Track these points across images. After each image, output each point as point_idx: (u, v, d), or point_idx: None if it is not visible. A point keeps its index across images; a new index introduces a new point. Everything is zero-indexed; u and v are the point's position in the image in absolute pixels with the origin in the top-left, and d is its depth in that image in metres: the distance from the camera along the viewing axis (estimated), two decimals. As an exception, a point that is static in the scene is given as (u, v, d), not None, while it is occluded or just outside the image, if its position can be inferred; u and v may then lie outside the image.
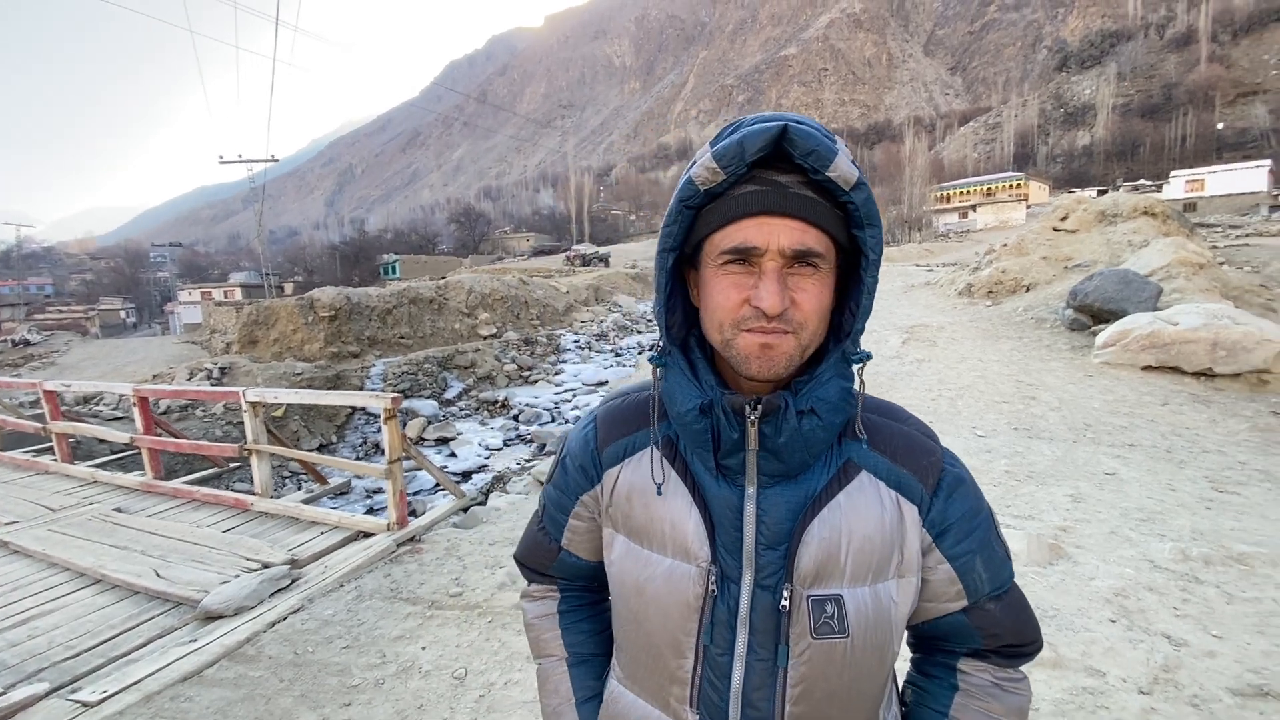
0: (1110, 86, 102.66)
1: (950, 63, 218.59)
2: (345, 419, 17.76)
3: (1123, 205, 12.31)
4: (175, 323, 52.75)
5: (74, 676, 2.86)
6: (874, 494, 0.72)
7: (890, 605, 0.71)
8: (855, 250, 0.69)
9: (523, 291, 29.24)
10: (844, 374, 0.72)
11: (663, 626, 0.74)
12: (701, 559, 0.72)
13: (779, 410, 0.69)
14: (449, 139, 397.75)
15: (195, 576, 3.68)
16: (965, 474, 0.78)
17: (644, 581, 0.75)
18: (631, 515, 0.78)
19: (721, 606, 0.72)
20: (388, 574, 3.68)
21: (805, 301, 0.66)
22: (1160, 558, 3.35)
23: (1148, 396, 6.49)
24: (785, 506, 0.71)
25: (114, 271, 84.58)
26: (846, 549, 0.70)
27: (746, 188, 0.66)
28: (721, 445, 0.72)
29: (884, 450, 0.75)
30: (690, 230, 0.71)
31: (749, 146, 0.63)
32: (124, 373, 24.62)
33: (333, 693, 2.64)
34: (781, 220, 0.65)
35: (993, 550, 0.77)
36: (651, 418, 0.78)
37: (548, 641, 0.94)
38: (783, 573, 0.70)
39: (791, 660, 0.70)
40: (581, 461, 0.84)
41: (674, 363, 0.75)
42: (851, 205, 0.65)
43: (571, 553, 0.90)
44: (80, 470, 6.16)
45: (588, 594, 0.96)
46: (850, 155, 0.65)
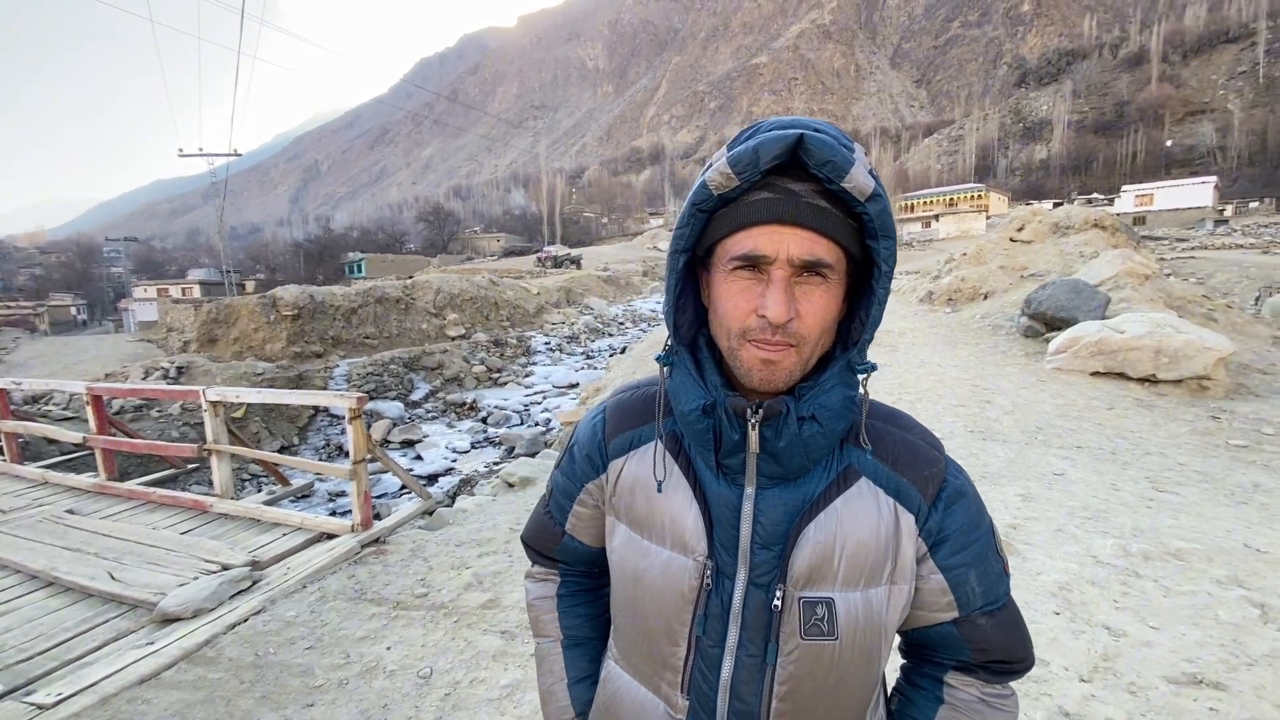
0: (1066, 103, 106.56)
1: (915, 75, 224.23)
2: (308, 420, 17.38)
3: (1075, 218, 12.83)
4: (129, 320, 50.86)
5: (28, 679, 2.78)
6: (872, 501, 0.73)
7: (881, 611, 0.72)
8: (868, 260, 0.69)
9: (493, 292, 28.99)
10: (848, 382, 0.72)
11: (658, 614, 0.77)
12: (698, 553, 0.74)
13: (780, 415, 0.69)
14: (418, 137, 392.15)
15: (152, 579, 3.60)
16: (968, 487, 0.78)
17: (642, 570, 0.78)
18: (634, 506, 0.80)
19: (715, 600, 0.74)
20: (352, 575, 3.65)
21: (810, 313, 0.66)
22: (1103, 553, 3.52)
23: (1095, 401, 6.78)
24: (783, 508, 0.72)
25: (65, 266, 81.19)
26: (840, 553, 0.70)
27: (760, 194, 0.66)
28: (722, 445, 0.73)
29: (885, 458, 0.75)
30: (703, 232, 0.71)
31: (764, 154, 0.63)
32: (74, 371, 23.66)
33: (295, 693, 2.62)
34: (792, 230, 0.65)
35: (989, 565, 0.77)
36: (657, 414, 0.79)
37: (546, 623, 0.97)
38: (776, 572, 0.71)
39: (780, 659, 0.71)
40: (589, 451, 0.87)
41: (680, 362, 0.76)
42: (866, 216, 0.65)
43: (574, 538, 0.92)
44: (30, 471, 5.94)
45: (587, 579, 0.98)
46: (868, 165, 0.65)
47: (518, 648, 2.90)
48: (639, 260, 55.64)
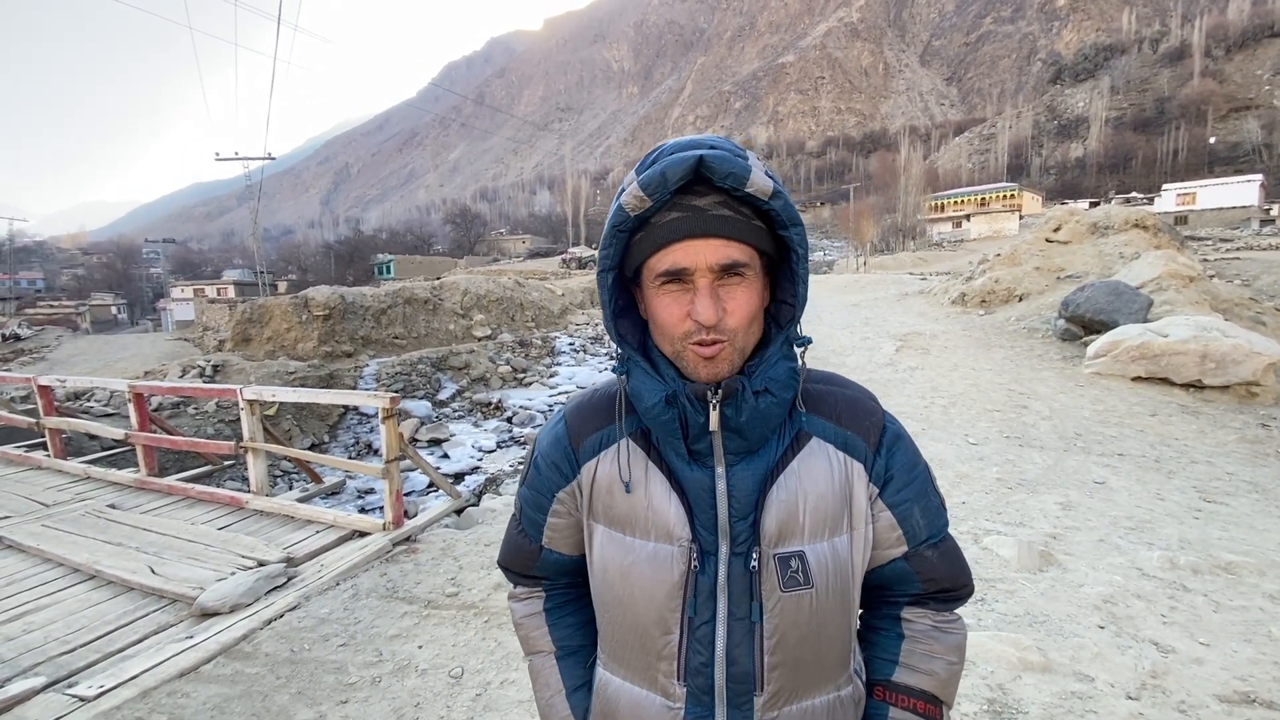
0: (1103, 99, 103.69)
1: (946, 73, 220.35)
2: (338, 418, 17.67)
3: (1114, 218, 12.46)
4: (167, 319, 52.43)
5: (70, 671, 2.85)
6: (824, 456, 0.80)
7: (847, 556, 0.79)
8: (784, 249, 0.77)
9: (518, 293, 29.21)
10: (789, 355, 0.80)
11: (649, 607, 0.80)
12: (683, 539, 0.78)
13: (738, 392, 0.75)
14: (446, 140, 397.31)
15: (191, 574, 3.68)
16: (903, 431, 0.87)
17: (628, 566, 0.81)
18: (613, 505, 0.83)
19: (704, 578, 0.78)
20: (384, 573, 3.69)
21: (736, 309, 0.74)
22: (1149, 566, 3.40)
23: (1137, 407, 6.56)
24: (751, 479, 0.78)
25: (106, 267, 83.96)
26: (804, 509, 0.78)
27: (670, 215, 0.73)
28: (690, 431, 0.78)
29: (829, 415, 0.83)
30: (626, 252, 0.78)
31: (670, 176, 0.70)
32: (115, 369, 24.44)
33: (330, 690, 2.65)
34: (705, 241, 0.72)
35: (929, 500, 0.85)
36: (618, 413, 0.84)
37: (536, 639, 0.97)
38: (752, 538, 0.77)
39: (766, 614, 0.77)
40: (554, 459, 0.88)
41: (635, 365, 0.81)
42: (773, 211, 0.73)
43: (553, 550, 0.93)
44: (73, 466, 6.13)
45: (572, 589, 0.99)
46: (764, 167, 0.73)
47: (547, 650, 2.90)
48: (663, 261, 55.50)
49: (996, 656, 2.58)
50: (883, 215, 61.66)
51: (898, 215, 62.50)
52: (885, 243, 58.06)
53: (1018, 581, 3.26)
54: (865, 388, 0.88)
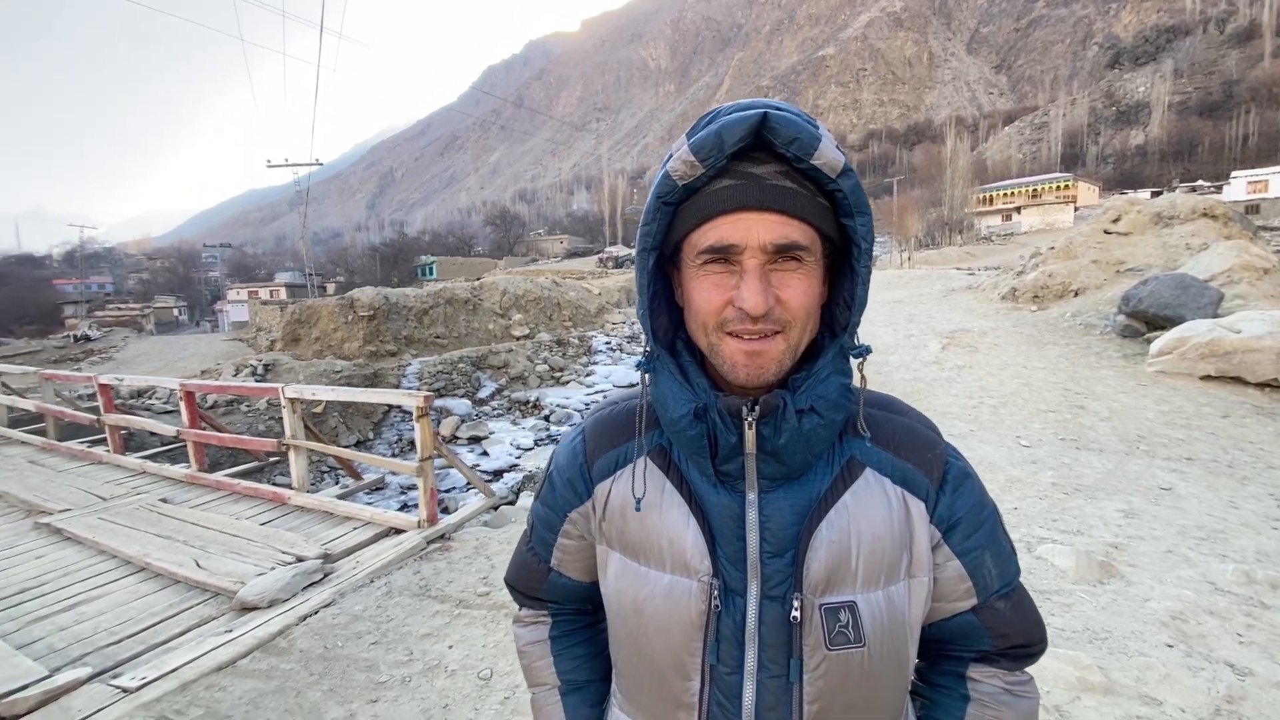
0: (1166, 84, 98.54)
1: (995, 61, 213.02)
2: (382, 416, 18.13)
3: (1180, 207, 11.76)
4: (224, 320, 54.71)
5: (116, 662, 2.94)
6: (880, 492, 0.69)
7: (904, 609, 0.68)
8: (846, 240, 0.66)
9: (555, 293, 29.46)
10: (842, 370, 0.69)
11: (665, 647, 0.70)
12: (702, 573, 0.68)
13: (777, 410, 0.65)
14: (486, 143, 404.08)
15: (233, 568, 3.77)
16: (970, 468, 0.75)
17: (642, 600, 0.71)
18: (626, 531, 0.74)
19: (727, 621, 0.68)
20: (417, 571, 3.71)
21: (792, 298, 0.63)
22: (1222, 580, 3.15)
23: (1207, 408, 6.16)
24: (789, 511, 0.68)
25: (168, 271, 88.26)
26: (857, 552, 0.66)
27: (722, 182, 0.63)
28: (719, 450, 0.68)
29: (887, 445, 0.71)
30: (670, 228, 0.67)
31: (728, 137, 0.60)
32: (176, 368, 25.63)
33: (360, 688, 2.66)
34: (760, 215, 0.62)
35: (1001, 545, 0.75)
36: (638, 428, 0.74)
37: (540, 669, 0.90)
38: (791, 581, 0.66)
39: (807, 675, 0.66)
40: (569, 476, 0.81)
41: (663, 367, 0.71)
42: (839, 193, 0.63)
43: (562, 573, 0.85)
44: (131, 461, 6.39)
45: (581, 617, 0.91)
46: (835, 141, 0.62)
47: (577, 653, 2.85)
48: (701, 259, 55.28)
49: (1053, 675, 2.41)
50: (928, 209, 60.00)
51: (943, 209, 60.72)
52: (930, 237, 56.49)
53: (1075, 594, 3.06)
54: (924, 415, 0.77)
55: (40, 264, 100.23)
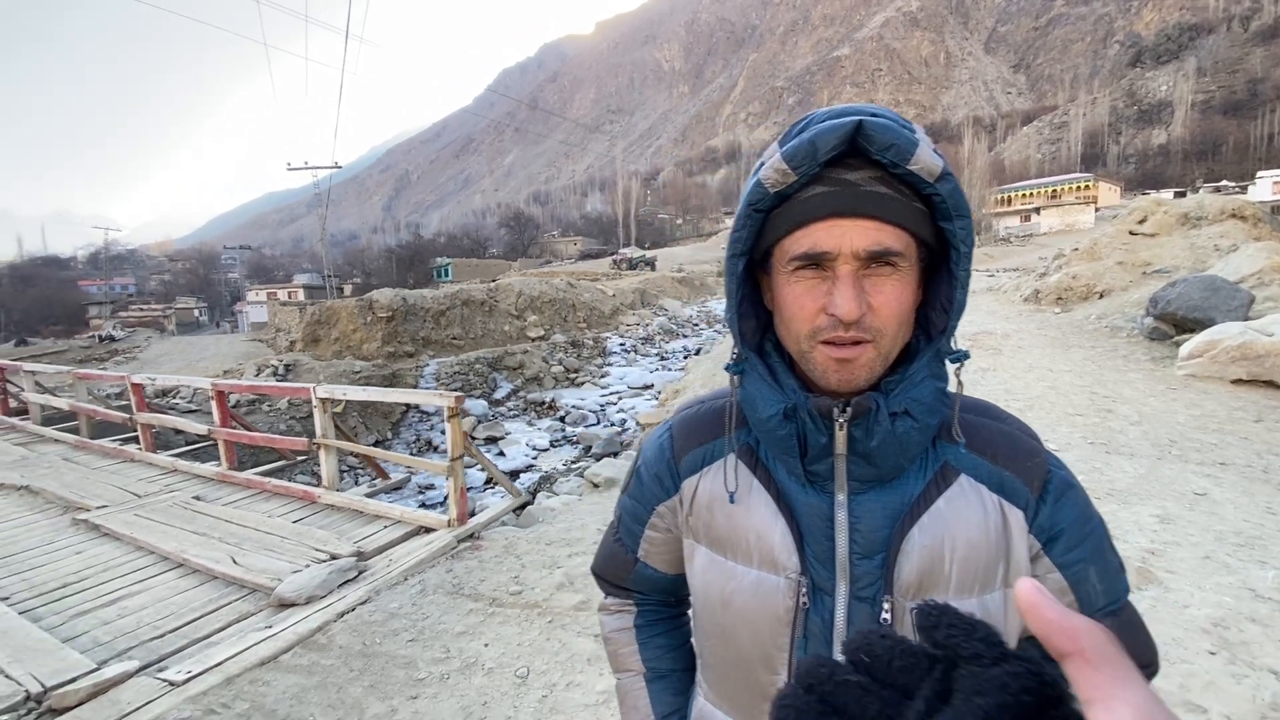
0: (1189, 82, 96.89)
1: (1013, 60, 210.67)
2: (400, 416, 18.30)
3: (1208, 207, 11.56)
4: (243, 321, 55.47)
5: (160, 656, 3.01)
6: (976, 498, 0.68)
7: (1000, 619, 0.67)
8: (943, 244, 0.66)
9: (570, 294, 29.55)
10: (938, 373, 0.68)
11: (752, 641, 0.72)
12: (790, 570, 0.69)
13: (870, 412, 0.65)
14: (500, 145, 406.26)
15: (269, 565, 3.83)
16: (1074, 479, 0.73)
17: (730, 594, 0.73)
18: (713, 525, 0.76)
19: (815, 619, 0.69)
20: (449, 569, 3.74)
21: (884, 305, 0.63)
22: (1262, 586, 3.10)
23: (1239, 412, 6.05)
24: (881, 513, 0.68)
25: (189, 273, 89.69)
26: (951, 558, 0.66)
27: (815, 189, 0.63)
28: (809, 450, 0.69)
29: (984, 452, 0.70)
30: (760, 233, 0.68)
31: (821, 145, 0.60)
32: (197, 368, 26.03)
33: (400, 685, 2.69)
34: (854, 221, 0.62)
35: (1107, 561, 0.72)
36: (727, 426, 0.76)
37: (625, 656, 0.92)
38: (881, 583, 0.67)
39: None
40: (657, 470, 0.83)
41: (752, 369, 0.73)
42: (937, 197, 0.62)
43: (648, 565, 0.87)
44: (162, 459, 6.51)
45: (665, 608, 0.94)
46: (932, 144, 0.62)
47: (611, 653, 2.87)
48: (714, 261, 55.18)
49: (1095, 681, 2.39)
50: (944, 210, 59.45)
51: (961, 210, 60.14)
52: (947, 239, 55.99)
53: (1114, 599, 3.03)
54: (1025, 424, 0.75)
55: (65, 265, 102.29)
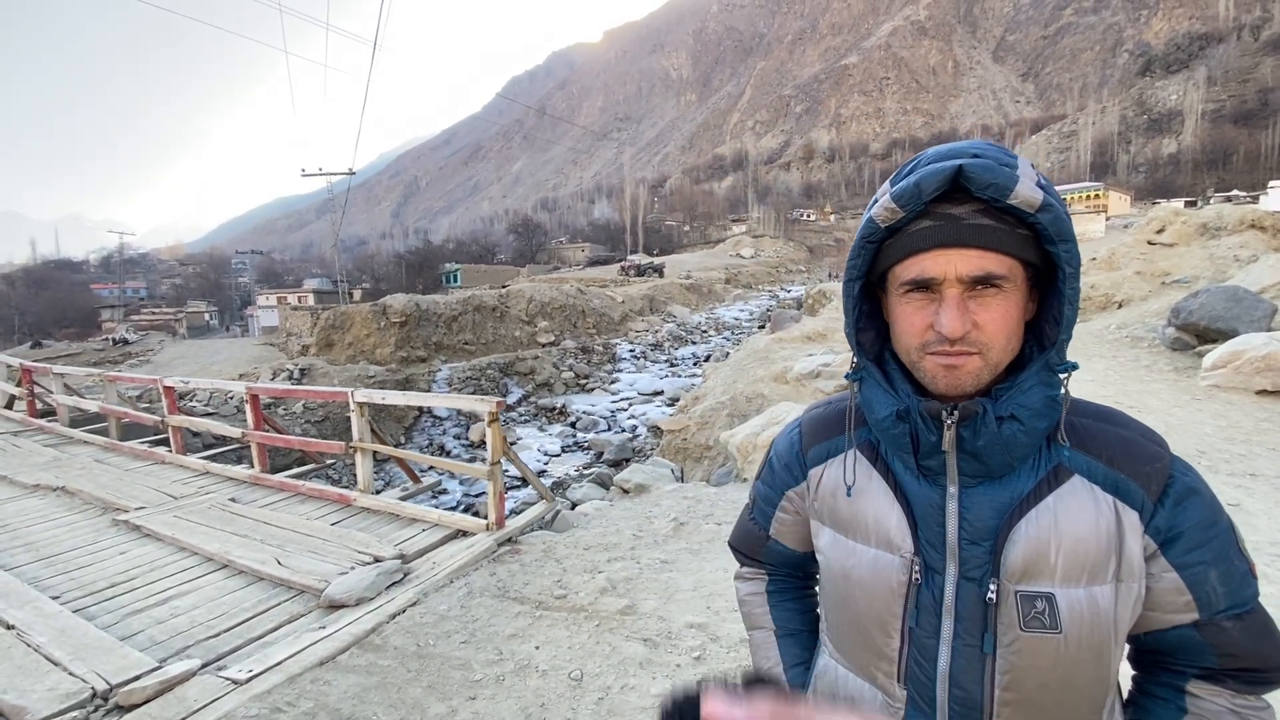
0: (1199, 91, 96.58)
1: (1021, 69, 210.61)
2: (413, 421, 18.40)
3: (1227, 218, 11.55)
4: (254, 325, 55.79)
5: (218, 655, 3.06)
6: (1088, 498, 0.73)
7: (1109, 609, 0.71)
8: (1050, 263, 0.72)
9: (580, 301, 29.65)
10: (1048, 382, 0.73)
11: (869, 608, 0.81)
12: (905, 550, 0.78)
13: (977, 416, 0.72)
14: (509, 152, 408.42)
15: (314, 566, 3.88)
16: (1199, 484, 0.75)
17: (850, 568, 0.83)
18: (836, 509, 0.86)
19: (926, 594, 0.77)
20: (493, 573, 3.79)
21: (989, 322, 0.70)
22: (1306, 597, 3.11)
23: (1265, 423, 6.04)
24: (989, 506, 0.74)
25: (200, 277, 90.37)
26: (1057, 549, 0.71)
27: (922, 223, 0.71)
28: (920, 447, 0.77)
29: (1099, 454, 0.74)
30: (874, 259, 0.77)
31: (925, 187, 0.68)
32: (210, 371, 26.20)
33: (458, 686, 2.74)
34: (958, 251, 0.69)
35: (1232, 564, 0.74)
36: (847, 425, 0.86)
37: (758, 616, 1.05)
38: (988, 567, 0.73)
39: (1000, 649, 0.73)
40: (787, 461, 0.95)
41: (869, 376, 0.82)
42: (1039, 225, 0.68)
43: (779, 541, 1.00)
44: (194, 462, 6.59)
45: (793, 579, 1.06)
46: (1035, 176, 0.68)
47: (662, 656, 2.90)
48: (721, 268, 55.25)
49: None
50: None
51: (969, 218, 60.09)
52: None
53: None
54: (1151, 430, 0.78)
55: (78, 269, 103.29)
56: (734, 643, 2.96)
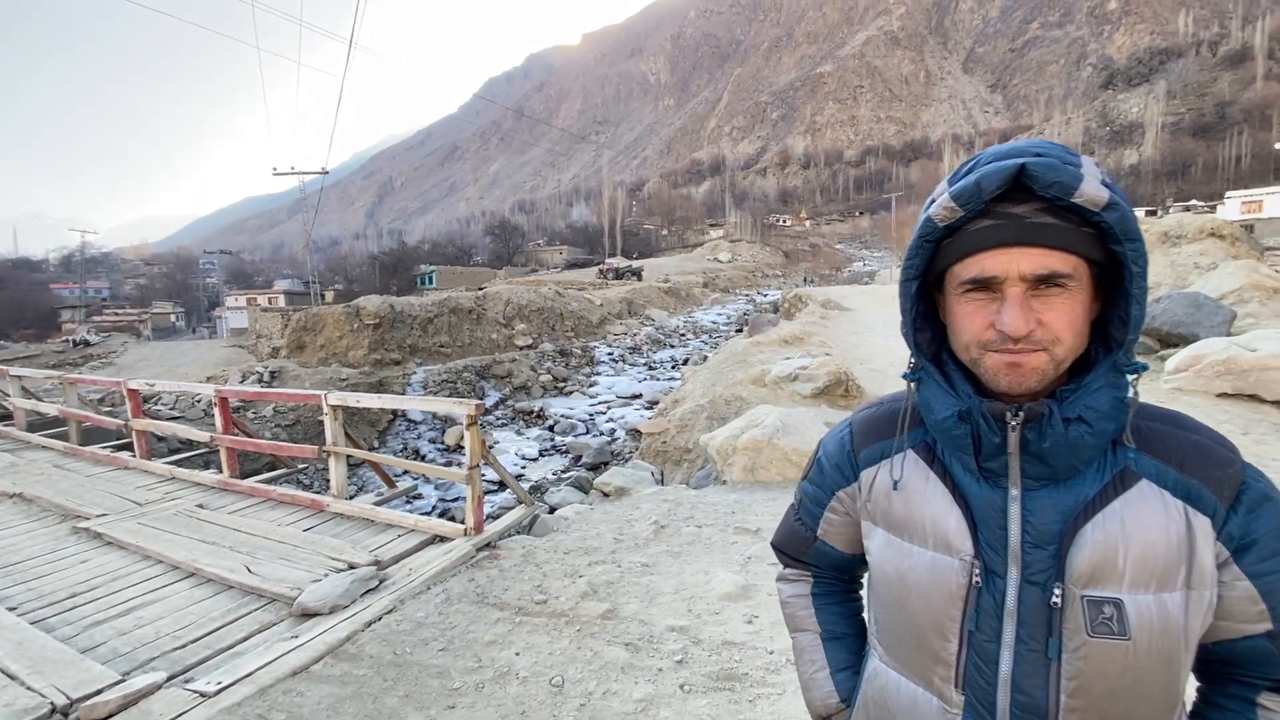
0: (1160, 104, 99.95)
1: (990, 80, 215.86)
2: (387, 425, 18.12)
3: (1188, 226, 11.95)
4: (222, 327, 54.48)
5: (185, 666, 2.95)
6: (1157, 503, 0.71)
7: (1179, 616, 0.69)
8: (1116, 262, 0.70)
9: (558, 303, 29.53)
10: (1116, 383, 0.72)
11: (925, 611, 0.78)
12: (964, 552, 0.76)
13: (1042, 417, 0.70)
14: (486, 153, 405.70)
15: (286, 574, 3.78)
16: (1273, 491, 0.73)
17: (905, 570, 0.81)
18: (891, 510, 0.84)
19: (987, 597, 0.75)
20: (471, 578, 3.73)
21: (1053, 320, 0.68)
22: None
23: (1226, 424, 6.24)
24: (1054, 509, 0.72)
25: (166, 277, 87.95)
26: (1125, 555, 0.69)
27: (982, 223, 0.69)
28: (982, 449, 0.75)
29: (1169, 459, 0.73)
30: (932, 259, 0.76)
31: (986, 186, 0.67)
32: (176, 373, 25.50)
33: (436, 694, 2.68)
34: (1020, 249, 0.68)
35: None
36: (900, 426, 0.84)
37: (803, 619, 1.04)
38: (1053, 571, 0.71)
39: (1065, 654, 0.71)
40: (838, 461, 0.93)
41: (928, 376, 0.80)
42: (1105, 224, 0.67)
43: (826, 542, 0.98)
44: (159, 466, 6.39)
45: (839, 582, 1.05)
46: (1100, 174, 0.67)
47: (644, 660, 2.88)
48: (699, 272, 55.50)
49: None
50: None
51: (941, 225, 61.26)
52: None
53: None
54: (1221, 435, 0.76)
55: (37, 268, 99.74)
56: (715, 646, 2.95)
